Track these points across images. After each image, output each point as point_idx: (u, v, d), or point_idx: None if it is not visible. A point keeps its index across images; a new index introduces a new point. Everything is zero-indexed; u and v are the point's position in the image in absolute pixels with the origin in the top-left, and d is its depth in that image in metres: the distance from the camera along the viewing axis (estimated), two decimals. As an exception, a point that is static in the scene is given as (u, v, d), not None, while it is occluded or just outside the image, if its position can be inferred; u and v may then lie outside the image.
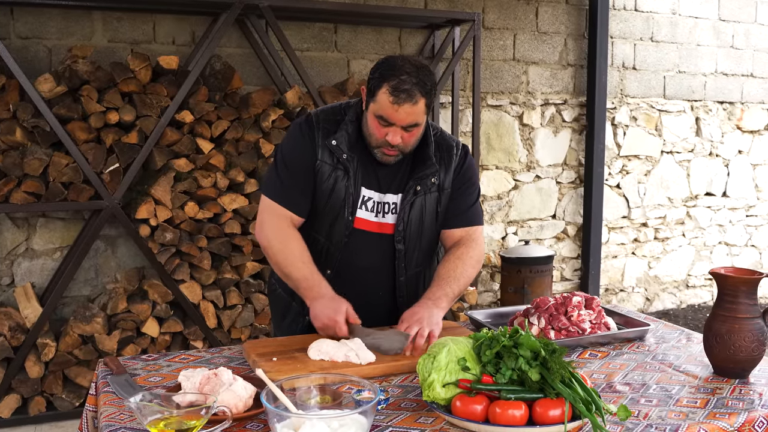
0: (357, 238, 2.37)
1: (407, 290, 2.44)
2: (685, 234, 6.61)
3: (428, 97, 2.21)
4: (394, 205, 2.38)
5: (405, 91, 2.15)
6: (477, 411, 1.62)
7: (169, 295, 4.26)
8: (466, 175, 2.46)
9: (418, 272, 2.46)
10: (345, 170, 2.32)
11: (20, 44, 4.22)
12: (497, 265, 5.76)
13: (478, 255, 2.42)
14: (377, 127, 2.23)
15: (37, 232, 4.34)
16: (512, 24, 5.59)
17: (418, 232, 2.40)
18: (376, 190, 2.37)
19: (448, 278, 2.33)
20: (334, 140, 2.31)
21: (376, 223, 2.38)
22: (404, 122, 2.20)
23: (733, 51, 6.56)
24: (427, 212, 2.40)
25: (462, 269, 2.35)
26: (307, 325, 2.44)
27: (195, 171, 4.31)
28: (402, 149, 2.28)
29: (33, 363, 4.01)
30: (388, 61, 2.22)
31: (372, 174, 2.36)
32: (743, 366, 1.99)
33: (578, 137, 5.97)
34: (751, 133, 6.78)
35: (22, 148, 4.03)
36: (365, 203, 2.36)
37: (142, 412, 1.52)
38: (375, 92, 2.20)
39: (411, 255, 2.42)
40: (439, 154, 2.41)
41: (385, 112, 2.19)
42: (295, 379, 1.69)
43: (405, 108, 2.17)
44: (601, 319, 2.37)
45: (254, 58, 4.73)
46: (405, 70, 2.17)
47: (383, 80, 2.17)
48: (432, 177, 2.37)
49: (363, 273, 2.40)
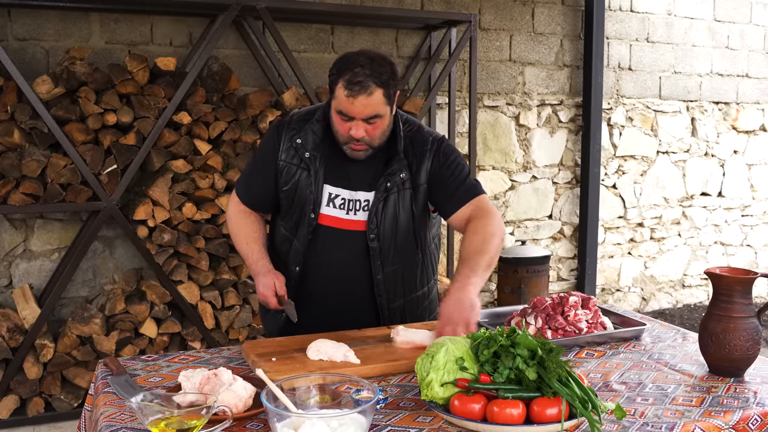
0: (325, 236, 2.40)
1: (386, 288, 2.44)
2: (681, 234, 6.63)
3: (386, 88, 2.21)
4: (366, 203, 2.38)
5: (358, 83, 2.17)
6: (475, 410, 1.64)
7: (167, 296, 4.27)
8: (446, 162, 2.41)
9: (395, 270, 2.44)
10: (307, 168, 2.37)
11: (18, 46, 4.22)
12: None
13: (493, 221, 2.34)
14: (340, 123, 2.27)
15: (35, 233, 4.34)
16: (508, 25, 5.61)
17: (392, 229, 2.39)
18: (345, 187, 2.38)
19: (470, 254, 2.25)
20: (298, 139, 2.38)
21: (346, 221, 2.39)
22: (362, 114, 2.22)
23: (729, 51, 6.59)
24: (401, 210, 2.39)
25: (481, 241, 2.27)
26: (283, 324, 2.49)
27: (193, 172, 4.32)
28: (369, 143, 2.29)
29: (31, 364, 4.01)
30: (344, 56, 2.26)
31: (342, 172, 2.39)
32: (738, 365, 2.00)
33: (574, 138, 5.99)
34: (746, 134, 6.81)
35: (20, 149, 4.03)
36: (333, 200, 2.38)
37: (143, 412, 1.53)
38: (333, 88, 2.24)
39: (386, 253, 2.41)
40: (412, 149, 2.40)
41: (343, 107, 2.22)
42: (295, 378, 1.71)
43: (360, 100, 2.18)
44: (598, 319, 2.38)
45: (251, 59, 4.74)
46: (359, 63, 2.19)
47: (339, 75, 2.21)
48: (400, 173, 2.37)
49: (334, 270, 2.41)
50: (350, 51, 2.31)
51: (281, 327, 2.50)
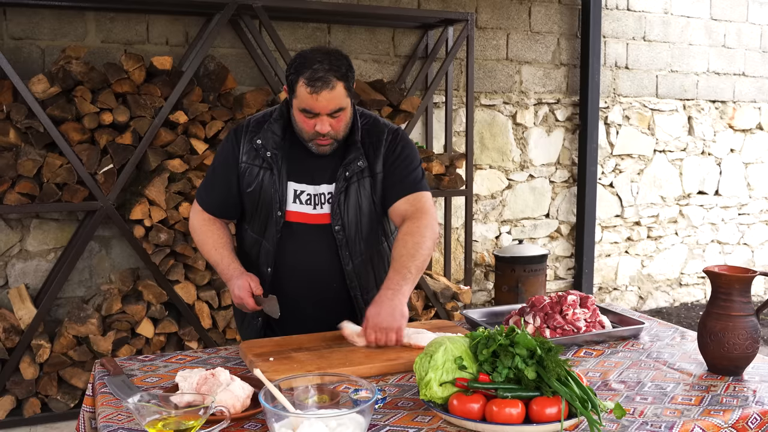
0: (295, 233, 2.40)
1: (358, 279, 2.45)
2: (678, 232, 6.64)
3: (345, 80, 2.24)
4: (329, 195, 2.40)
5: (320, 78, 2.19)
6: (474, 410, 1.63)
7: (164, 296, 4.26)
8: (396, 151, 2.44)
9: (364, 260, 2.45)
10: (270, 168, 2.38)
11: (13, 45, 4.21)
12: (491, 264, 5.77)
13: (428, 223, 2.36)
14: (304, 121, 2.28)
15: (31, 233, 4.33)
16: (505, 24, 5.60)
17: (356, 219, 2.40)
18: (309, 183, 2.40)
19: (401, 258, 2.28)
20: (258, 140, 2.39)
21: (314, 215, 2.40)
22: (327, 109, 2.24)
23: (725, 50, 6.59)
24: (363, 198, 2.41)
25: (414, 244, 2.29)
26: (260, 327, 2.51)
27: (189, 171, 4.31)
28: (334, 136, 2.31)
29: (27, 364, 4.00)
30: (301, 55, 2.27)
31: (304, 168, 2.40)
32: (737, 363, 2.00)
33: (571, 136, 5.99)
34: (743, 132, 6.81)
35: (16, 149, 4.02)
36: (299, 197, 2.39)
37: (141, 413, 1.53)
38: (294, 87, 2.25)
39: (353, 243, 2.42)
40: (368, 140, 2.43)
41: (306, 104, 2.23)
42: (293, 378, 1.70)
43: (324, 95, 2.21)
44: (596, 318, 2.38)
45: (248, 58, 4.73)
46: (316, 59, 2.22)
47: (298, 74, 2.22)
48: (357, 161, 2.38)
49: (308, 266, 2.42)
50: (303, 50, 2.32)
51: (259, 331, 2.51)
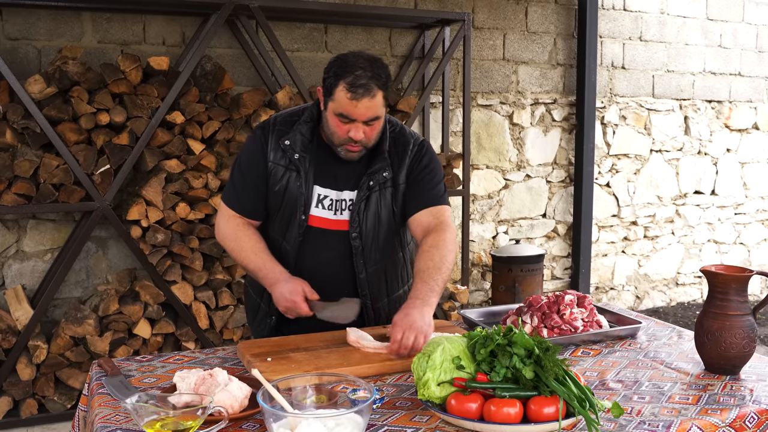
0: (315, 237, 2.39)
1: (369, 288, 2.44)
2: (675, 232, 6.65)
3: (385, 90, 2.23)
4: (350, 202, 2.39)
5: (362, 86, 2.17)
6: (472, 409, 1.63)
7: (161, 296, 4.26)
8: (422, 162, 2.44)
9: (378, 269, 2.45)
10: (297, 170, 2.36)
11: (9, 45, 4.20)
12: (488, 263, 5.78)
13: (451, 237, 2.38)
14: (338, 125, 2.25)
15: (28, 233, 4.32)
16: (502, 24, 5.61)
17: (374, 228, 2.40)
18: (332, 188, 2.38)
19: (428, 270, 2.27)
20: (287, 140, 2.36)
21: (334, 221, 2.39)
22: (364, 117, 2.22)
23: (721, 50, 6.61)
24: (383, 208, 2.40)
25: (440, 257, 2.30)
26: (273, 326, 2.49)
27: (186, 172, 4.30)
28: (365, 144, 2.30)
29: (24, 365, 3.99)
30: (341, 58, 2.25)
31: (329, 172, 2.38)
32: (734, 362, 2.01)
33: (568, 136, 5.99)
34: (739, 132, 6.83)
35: (12, 149, 4.01)
36: (321, 201, 2.38)
37: (139, 413, 1.52)
38: (332, 91, 2.22)
39: (369, 251, 2.41)
40: (394, 149, 2.42)
41: (344, 109, 2.21)
42: (291, 378, 1.70)
43: (364, 103, 2.19)
44: (593, 317, 2.38)
45: (245, 58, 4.73)
46: (359, 65, 2.19)
47: (339, 78, 2.19)
48: (383, 171, 2.38)
49: (323, 271, 2.41)
50: (344, 53, 2.30)
51: (272, 329, 2.50)
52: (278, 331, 2.49)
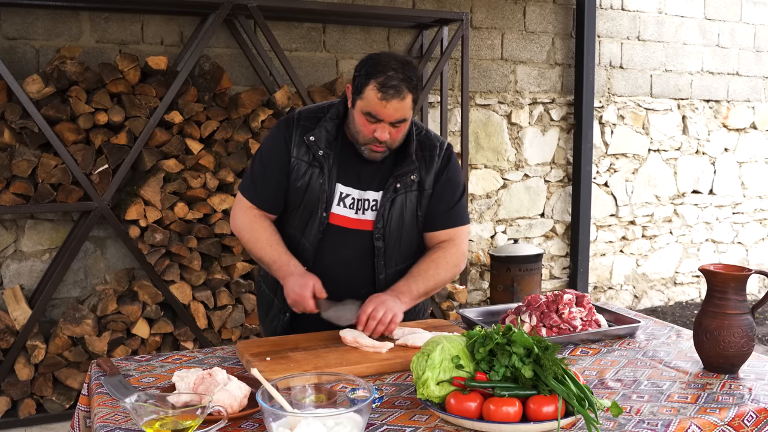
0: (334, 235, 2.39)
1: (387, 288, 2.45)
2: (673, 231, 6.65)
3: (415, 93, 2.22)
4: (374, 202, 2.39)
5: (393, 87, 2.16)
6: (471, 408, 1.63)
7: (159, 296, 4.25)
8: (448, 175, 2.45)
9: (398, 271, 2.45)
10: (320, 167, 2.34)
11: (7, 45, 4.20)
12: (486, 263, 5.78)
13: (456, 259, 2.44)
14: (365, 124, 2.25)
15: (26, 233, 4.32)
16: (500, 23, 5.61)
17: (398, 230, 2.40)
18: (355, 187, 2.38)
19: (417, 276, 2.37)
20: (312, 137, 2.34)
21: (355, 220, 2.39)
22: (392, 118, 2.21)
23: (719, 50, 6.61)
24: (407, 210, 2.40)
25: (434, 271, 2.38)
26: (287, 322, 2.48)
27: (184, 171, 4.30)
28: (389, 145, 2.29)
29: (22, 365, 3.99)
30: (373, 57, 2.24)
31: (352, 171, 2.38)
32: (733, 361, 2.01)
33: (566, 136, 6.00)
34: (736, 131, 6.83)
35: (11, 149, 4.01)
36: (343, 200, 2.37)
37: (138, 413, 1.52)
38: (362, 89, 2.21)
39: (390, 253, 2.42)
40: (421, 153, 2.42)
41: (373, 109, 2.20)
42: (290, 378, 1.70)
43: (393, 104, 2.18)
44: (592, 317, 2.39)
45: (243, 58, 4.73)
46: (391, 66, 2.18)
47: (370, 77, 2.19)
48: (411, 174, 2.38)
49: (342, 270, 2.40)
50: (376, 53, 2.30)
51: (285, 326, 2.48)
52: (291, 328, 2.47)
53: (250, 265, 4.46)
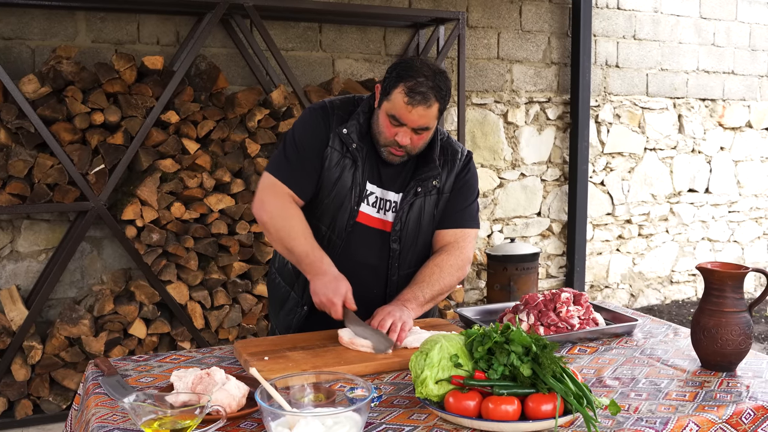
0: (357, 232, 2.37)
1: (398, 291, 2.43)
2: (669, 230, 6.66)
3: (442, 103, 2.21)
4: (394, 204, 2.38)
5: (421, 93, 2.15)
6: (470, 407, 1.63)
7: (156, 296, 4.25)
8: (465, 179, 2.46)
9: (410, 273, 2.44)
10: (353, 160, 2.32)
11: (3, 45, 4.19)
12: (483, 262, 5.78)
13: (460, 262, 2.41)
14: (388, 126, 2.23)
15: (22, 234, 4.31)
16: (496, 23, 5.61)
17: (414, 233, 2.40)
18: (378, 185, 2.37)
19: (422, 282, 2.33)
20: (345, 129, 2.31)
21: (378, 219, 2.38)
22: (416, 124, 2.20)
23: (715, 49, 6.63)
24: (425, 214, 2.40)
25: (439, 276, 2.36)
26: (304, 315, 2.44)
27: (181, 171, 4.30)
28: (409, 151, 2.28)
29: (19, 366, 3.98)
30: (406, 61, 2.23)
31: (375, 170, 2.37)
32: (730, 359, 2.01)
33: (562, 135, 6.00)
34: (732, 130, 6.85)
35: (7, 149, 4.00)
36: (367, 197, 2.36)
37: (137, 413, 1.52)
38: (390, 91, 2.20)
39: (405, 255, 2.42)
40: (443, 158, 2.41)
41: (398, 112, 2.19)
42: (289, 377, 1.69)
43: (419, 110, 2.17)
44: (590, 315, 2.39)
45: (239, 57, 4.72)
46: (423, 72, 2.17)
47: (400, 80, 2.18)
48: (433, 179, 2.37)
49: (360, 268, 2.38)
50: (410, 57, 2.28)
51: (301, 320, 2.44)
52: (307, 323, 2.42)
53: (247, 265, 4.45)
